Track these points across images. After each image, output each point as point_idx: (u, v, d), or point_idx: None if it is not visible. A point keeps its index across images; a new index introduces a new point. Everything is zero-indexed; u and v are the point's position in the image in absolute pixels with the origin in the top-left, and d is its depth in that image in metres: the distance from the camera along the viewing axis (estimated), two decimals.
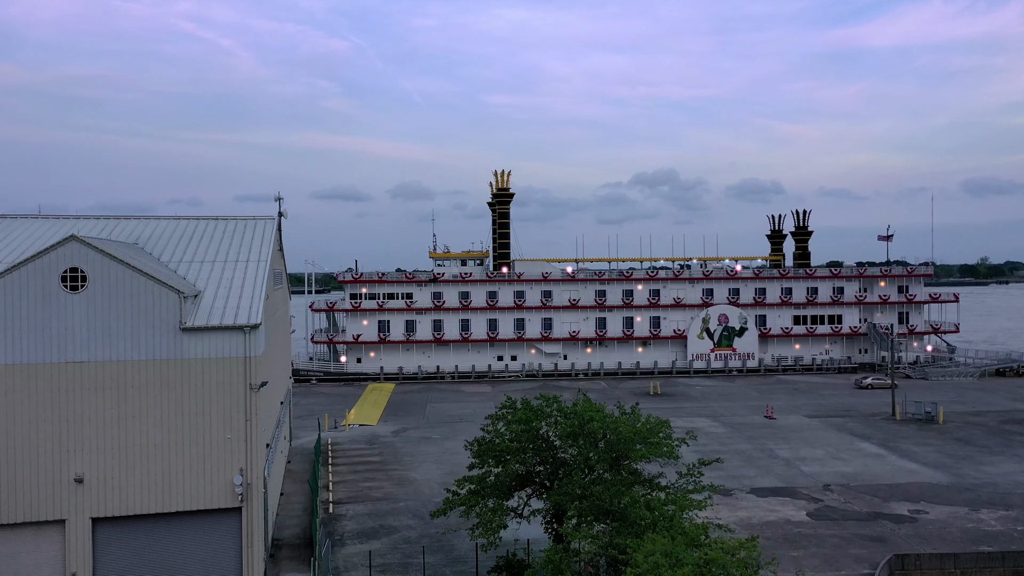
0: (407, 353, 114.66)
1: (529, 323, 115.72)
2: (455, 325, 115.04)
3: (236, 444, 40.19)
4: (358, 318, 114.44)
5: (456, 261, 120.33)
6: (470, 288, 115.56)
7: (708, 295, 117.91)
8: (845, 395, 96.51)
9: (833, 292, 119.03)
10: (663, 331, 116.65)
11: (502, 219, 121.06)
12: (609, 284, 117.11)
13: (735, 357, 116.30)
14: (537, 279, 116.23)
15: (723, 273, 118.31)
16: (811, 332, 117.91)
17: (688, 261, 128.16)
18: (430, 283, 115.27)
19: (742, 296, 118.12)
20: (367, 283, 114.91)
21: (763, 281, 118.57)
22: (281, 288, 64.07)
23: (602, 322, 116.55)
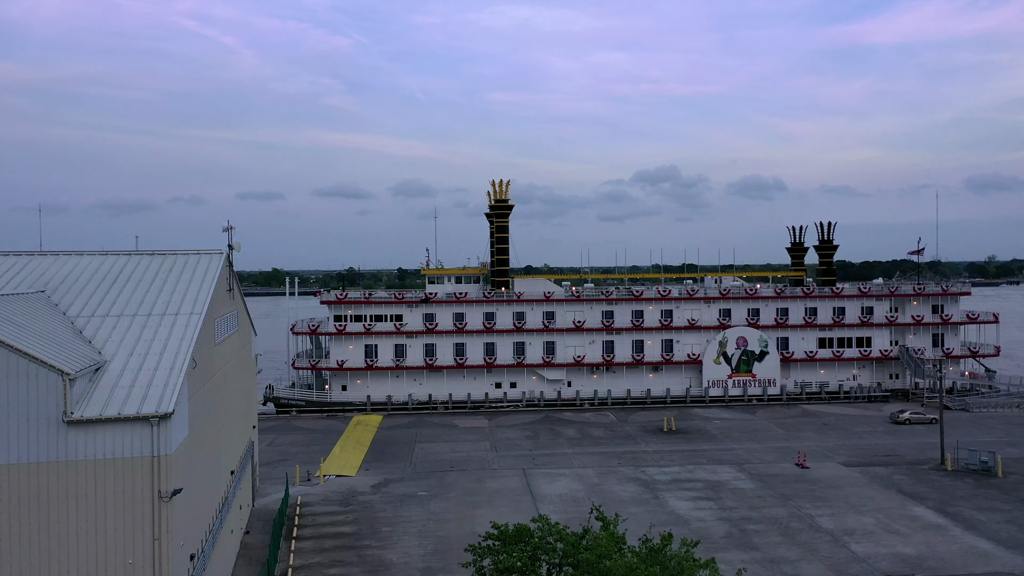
0: (396, 380, 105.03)
1: (530, 347, 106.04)
2: (449, 349, 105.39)
3: (141, 571, 30.64)
4: (343, 342, 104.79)
5: (450, 278, 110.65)
6: (465, 309, 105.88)
7: (725, 316, 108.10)
8: (881, 432, 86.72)
9: (862, 312, 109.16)
10: (676, 355, 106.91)
11: (500, 232, 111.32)
12: (617, 304, 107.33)
13: (755, 384, 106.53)
14: (538, 299, 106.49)
15: (741, 292, 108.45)
16: (838, 356, 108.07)
17: (702, 276, 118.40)
18: (421, 303, 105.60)
19: (762, 317, 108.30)
20: (353, 304, 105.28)
21: (785, 300, 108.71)
22: (235, 333, 54.43)
23: (609, 346, 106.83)
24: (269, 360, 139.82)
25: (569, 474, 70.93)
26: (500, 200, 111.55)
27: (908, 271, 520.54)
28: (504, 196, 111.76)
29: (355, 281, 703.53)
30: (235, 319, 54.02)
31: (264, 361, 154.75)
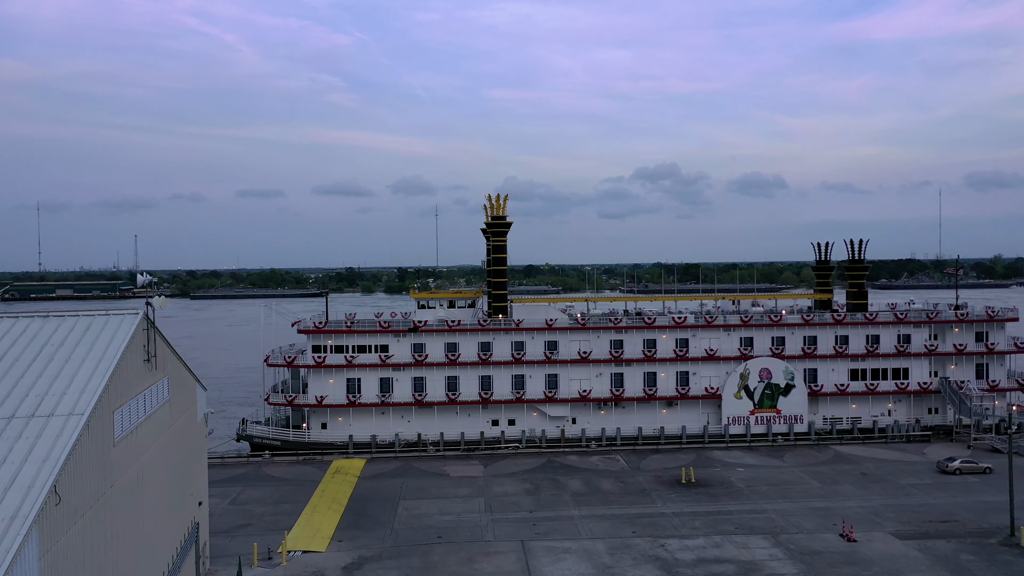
0: (382, 418, 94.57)
1: (530, 380, 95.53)
2: (440, 383, 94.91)
3: None
4: (323, 376, 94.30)
5: (442, 303, 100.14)
6: (458, 338, 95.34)
7: (747, 345, 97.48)
8: (930, 486, 76.10)
9: (898, 340, 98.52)
10: (692, 389, 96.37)
11: (497, 252, 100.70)
12: (627, 333, 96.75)
13: (780, 420, 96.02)
14: (539, 327, 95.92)
15: (764, 318, 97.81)
16: (871, 389, 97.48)
17: (720, 298, 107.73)
18: (410, 333, 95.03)
19: (788, 346, 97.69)
20: (333, 333, 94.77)
21: (813, 328, 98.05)
22: (164, 405, 43.92)
23: (618, 379, 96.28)
24: (247, 381, 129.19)
25: (576, 549, 60.46)
26: (497, 217, 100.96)
27: (915, 271, 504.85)
28: (501, 212, 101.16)
29: (354, 281, 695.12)
30: (161, 389, 43.47)
31: (240, 385, 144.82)
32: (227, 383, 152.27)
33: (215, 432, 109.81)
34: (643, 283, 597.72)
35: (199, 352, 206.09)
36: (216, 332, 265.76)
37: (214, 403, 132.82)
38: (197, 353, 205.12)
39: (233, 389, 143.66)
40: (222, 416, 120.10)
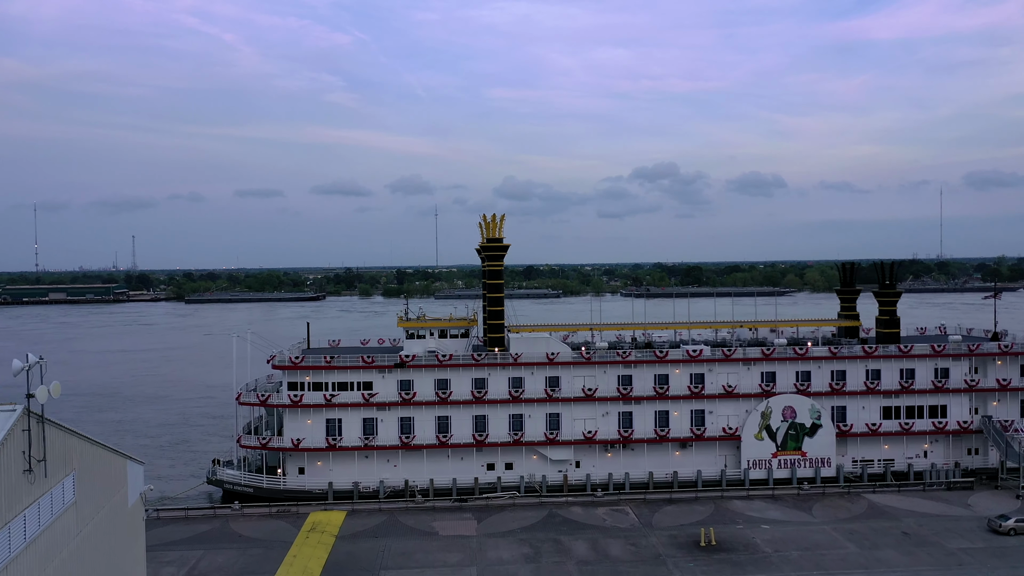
0: (365, 462, 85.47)
1: (529, 420, 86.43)
2: (429, 424, 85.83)
3: None
4: (300, 416, 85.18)
5: (432, 332, 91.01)
6: (450, 374, 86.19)
7: (769, 381, 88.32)
8: (982, 551, 66.91)
9: (935, 375, 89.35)
10: (709, 430, 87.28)
11: (493, 278, 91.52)
12: (636, 367, 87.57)
13: (805, 464, 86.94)
14: (540, 361, 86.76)
15: (788, 351, 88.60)
16: (906, 429, 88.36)
17: (737, 327, 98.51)
18: (396, 368, 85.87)
19: (814, 382, 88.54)
20: (311, 369, 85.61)
21: (842, 361, 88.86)
22: (70, 508, 34.80)
23: (627, 418, 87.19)
24: (225, 402, 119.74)
25: None
26: (493, 239, 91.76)
27: (920, 273, 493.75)
28: (498, 233, 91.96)
29: (352, 283, 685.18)
30: (61, 494, 34.30)
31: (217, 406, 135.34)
32: (201, 406, 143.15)
33: (186, 472, 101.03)
34: (644, 286, 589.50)
35: (174, 367, 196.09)
36: (196, 343, 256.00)
37: (184, 435, 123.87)
38: (172, 368, 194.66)
39: (207, 414, 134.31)
40: (192, 452, 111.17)
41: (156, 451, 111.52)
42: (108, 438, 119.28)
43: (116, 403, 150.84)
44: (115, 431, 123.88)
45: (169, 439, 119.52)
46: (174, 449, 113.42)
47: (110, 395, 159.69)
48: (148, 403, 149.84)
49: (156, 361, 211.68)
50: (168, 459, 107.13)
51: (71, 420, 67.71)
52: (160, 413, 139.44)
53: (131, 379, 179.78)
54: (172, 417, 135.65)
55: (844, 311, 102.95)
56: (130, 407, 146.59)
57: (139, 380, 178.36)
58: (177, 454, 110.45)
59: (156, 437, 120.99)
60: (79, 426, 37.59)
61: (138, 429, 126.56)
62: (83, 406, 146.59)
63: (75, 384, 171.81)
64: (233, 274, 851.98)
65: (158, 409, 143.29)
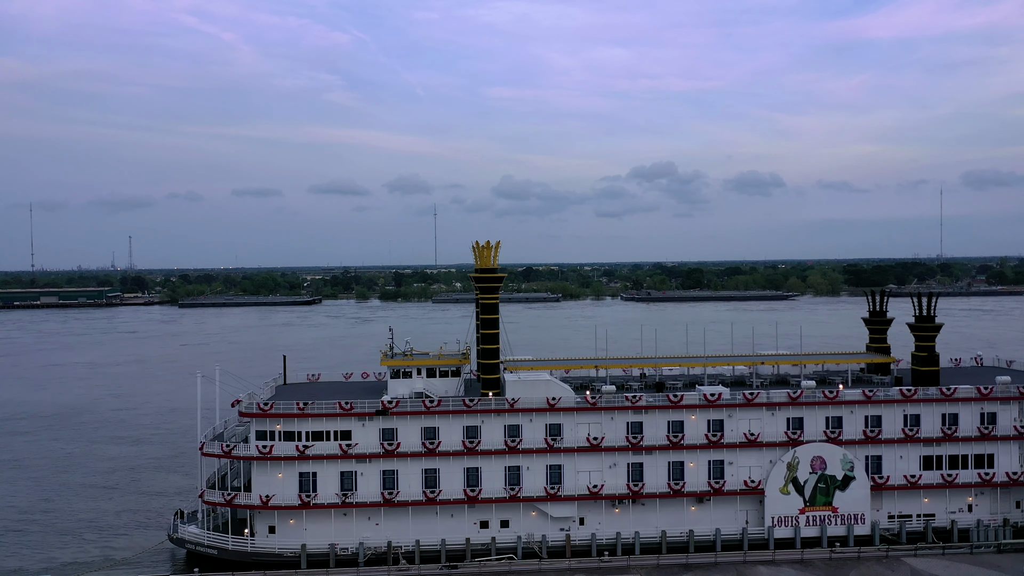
0: (343, 521, 76.14)
1: (528, 473, 77.12)
2: (416, 478, 76.51)
3: None
4: (270, 469, 75.82)
5: (420, 371, 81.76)
6: (438, 422, 76.82)
7: (795, 428, 79.00)
8: None
9: (981, 421, 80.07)
10: (729, 483, 78.02)
11: (487, 312, 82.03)
12: (647, 413, 78.21)
13: (836, 520, 77.72)
14: (539, 407, 77.38)
15: (817, 394, 79.21)
16: (948, 481, 79.10)
17: (759, 364, 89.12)
18: (377, 416, 76.47)
19: (846, 429, 79.21)
20: (283, 416, 76.19)
21: (877, 406, 79.52)
22: None
23: (637, 470, 77.89)
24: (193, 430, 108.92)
25: None
26: (486, 269, 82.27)
27: (923, 276, 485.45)
28: (492, 263, 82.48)
29: (349, 285, 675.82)
30: None
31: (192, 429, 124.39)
32: (163, 435, 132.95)
33: (145, 523, 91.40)
34: (645, 290, 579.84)
35: (140, 384, 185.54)
36: (171, 355, 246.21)
37: (142, 472, 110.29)
38: (137, 386, 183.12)
39: (169, 448, 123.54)
40: (151, 495, 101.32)
41: (108, 494, 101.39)
42: (51, 477, 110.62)
43: (69, 429, 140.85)
44: (63, 467, 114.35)
45: (124, 477, 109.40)
46: (130, 491, 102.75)
47: (65, 418, 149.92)
48: (105, 429, 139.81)
49: (124, 377, 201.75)
50: (122, 506, 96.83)
51: (15, 451, 56.07)
52: (116, 443, 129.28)
53: (92, 399, 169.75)
54: (129, 449, 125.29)
55: (874, 342, 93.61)
56: (84, 434, 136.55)
57: (100, 400, 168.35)
58: (132, 499, 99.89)
59: (108, 474, 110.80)
60: (22, 463, 28.40)
61: (89, 464, 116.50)
62: (32, 433, 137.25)
63: (30, 405, 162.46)
64: (231, 274, 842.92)
65: (115, 437, 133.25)
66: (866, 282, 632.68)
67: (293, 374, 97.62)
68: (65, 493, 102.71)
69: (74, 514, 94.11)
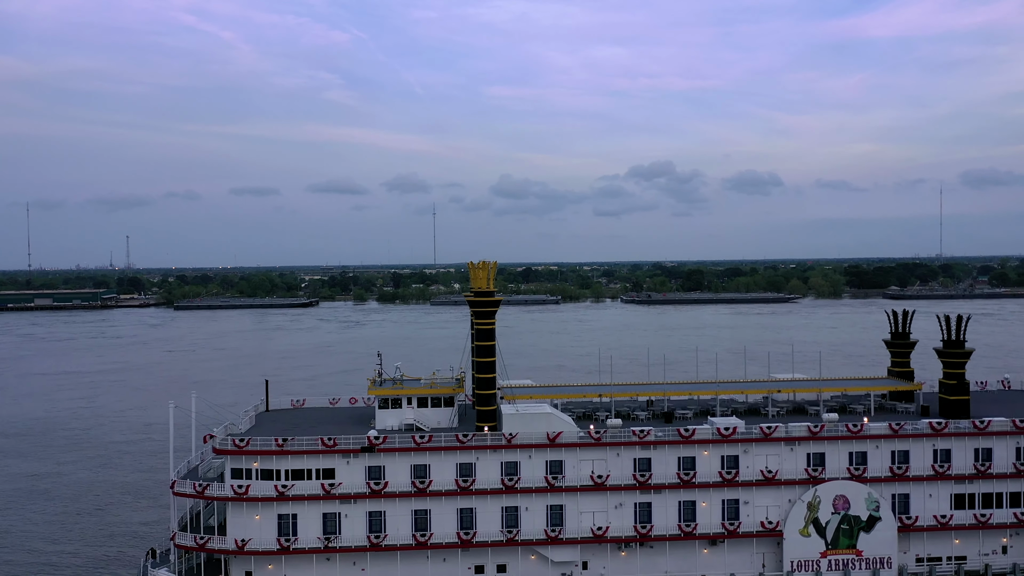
0: (326, 567, 70.12)
1: (526, 514, 71.08)
2: (405, 520, 70.48)
3: None
4: (246, 511, 69.78)
5: (410, 401, 75.83)
6: (429, 459, 70.78)
7: (816, 464, 72.96)
8: None
9: (1018, 456, 74.05)
10: (744, 524, 72.02)
11: (483, 339, 75.92)
12: (656, 449, 72.16)
13: (861, 565, 71.75)
14: (539, 443, 71.32)
15: (840, 427, 73.17)
16: (982, 521, 73.16)
17: (773, 392, 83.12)
18: (363, 452, 70.43)
19: (871, 465, 73.20)
20: (261, 454, 70.14)
21: (904, 440, 73.50)
22: None
23: (645, 510, 71.87)
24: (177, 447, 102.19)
25: None
26: (482, 293, 76.16)
27: (925, 277, 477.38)
28: (488, 285, 76.40)
29: (347, 287, 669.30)
30: None
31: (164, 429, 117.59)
32: (136, 455, 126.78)
33: (112, 562, 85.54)
34: (645, 292, 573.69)
35: (116, 396, 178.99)
36: (154, 363, 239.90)
37: (112, 496, 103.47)
38: (113, 398, 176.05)
39: (141, 471, 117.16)
40: (120, 527, 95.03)
41: (72, 527, 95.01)
42: (11, 505, 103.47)
43: (39, 447, 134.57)
44: (25, 493, 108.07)
45: (92, 504, 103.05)
46: (97, 523, 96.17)
47: (34, 435, 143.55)
48: (75, 448, 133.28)
49: (101, 387, 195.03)
50: (87, 542, 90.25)
51: None
52: (86, 465, 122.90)
53: (65, 413, 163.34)
54: (99, 472, 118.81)
55: (896, 367, 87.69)
56: (52, 454, 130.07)
57: (73, 414, 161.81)
58: (99, 532, 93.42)
59: (74, 501, 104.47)
60: None
61: (56, 489, 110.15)
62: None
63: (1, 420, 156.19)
64: (228, 274, 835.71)
65: (85, 458, 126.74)
66: (867, 284, 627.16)
67: (279, 391, 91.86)
68: (24, 524, 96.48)
69: (34, 551, 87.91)
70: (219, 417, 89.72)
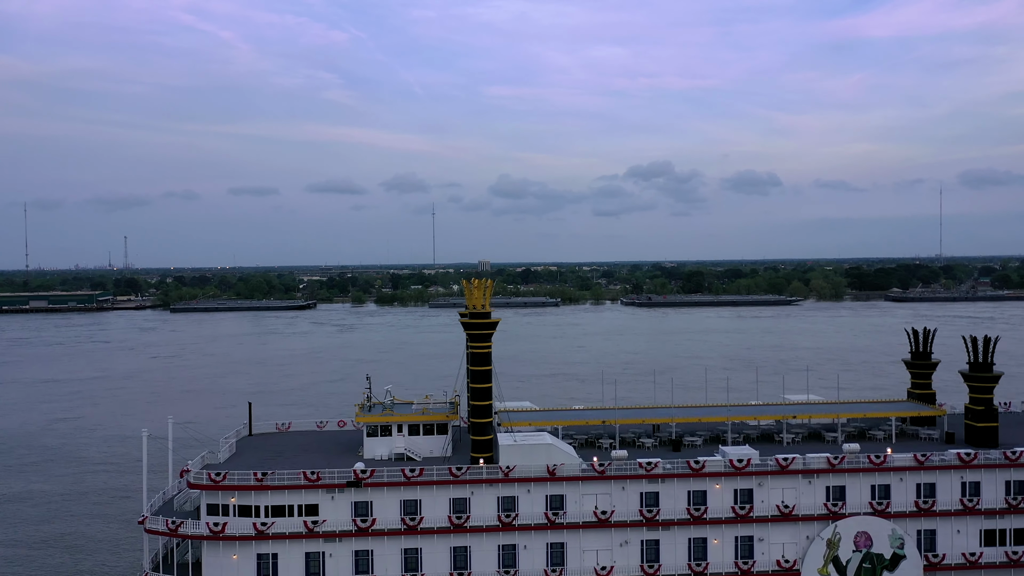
0: None
1: (525, 553, 66.04)
2: (394, 559, 65.44)
3: None
4: (222, 550, 64.73)
5: (400, 428, 70.83)
6: (420, 494, 65.75)
7: (836, 498, 67.98)
8: None
9: None
10: (759, 562, 67.05)
11: (479, 363, 70.75)
12: (664, 482, 67.13)
13: None
14: (539, 476, 66.30)
15: (861, 459, 68.13)
16: (1014, 559, 68.18)
17: (790, 417, 78.07)
18: (349, 487, 65.40)
19: (895, 499, 68.22)
20: (238, 489, 65.09)
21: (931, 472, 68.50)
22: None
23: (652, 548, 66.85)
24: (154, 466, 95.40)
25: None
26: (477, 314, 71.06)
27: (927, 279, 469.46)
28: (485, 305, 71.25)
29: (345, 288, 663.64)
30: None
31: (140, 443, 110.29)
32: (111, 471, 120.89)
33: None
34: (645, 294, 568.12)
35: (93, 408, 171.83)
36: (138, 370, 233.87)
37: (78, 523, 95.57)
38: (91, 410, 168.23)
39: (113, 495, 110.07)
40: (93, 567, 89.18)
41: (35, 558, 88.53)
42: None
43: (5, 464, 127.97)
44: None
45: (58, 529, 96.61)
46: (63, 554, 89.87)
47: (4, 449, 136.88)
48: (46, 465, 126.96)
49: (80, 396, 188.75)
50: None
51: None
52: (56, 482, 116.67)
53: (40, 424, 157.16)
54: (69, 489, 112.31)
55: (916, 388, 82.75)
56: (22, 472, 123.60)
57: (48, 426, 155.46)
58: (65, 565, 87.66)
59: (41, 526, 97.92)
60: None
61: (18, 512, 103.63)
62: None
63: None
64: (226, 275, 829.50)
65: (54, 476, 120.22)
66: (869, 285, 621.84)
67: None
68: None
69: None
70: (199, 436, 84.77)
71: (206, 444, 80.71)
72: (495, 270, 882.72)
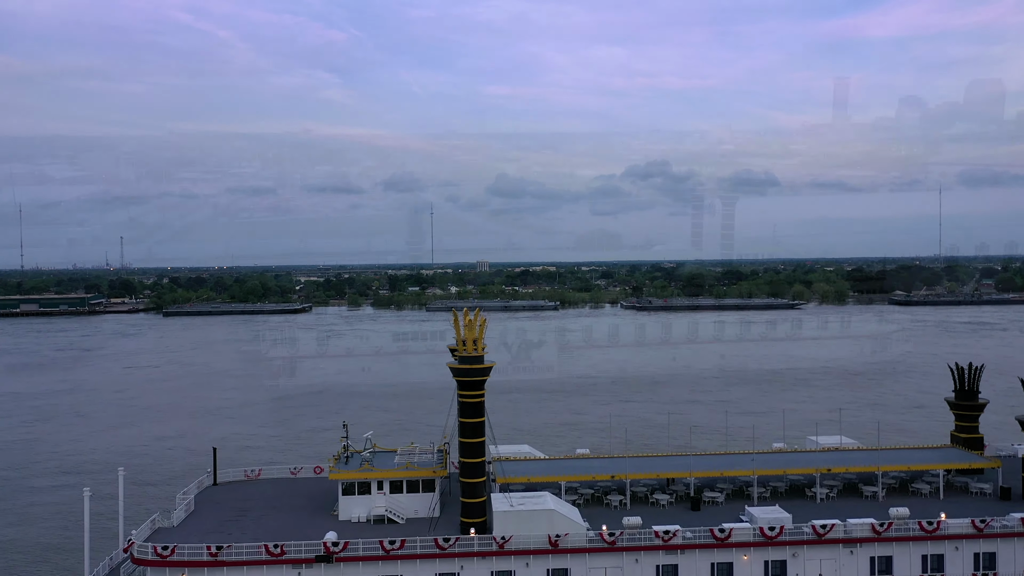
0: None
1: None
2: None
3: None
4: None
5: (382, 485, 61.87)
6: (402, 569, 56.71)
7: (882, 569, 59.07)
8: None
9: None
10: None
11: (470, 414, 61.61)
12: (684, 553, 58.17)
13: None
14: (539, 548, 57.29)
15: (912, 526, 59.17)
16: None
17: (814, 473, 69.07)
18: (319, 562, 56.35)
19: (949, 570, 59.33)
20: (189, 566, 55.99)
21: (991, 541, 59.58)
22: None
23: None
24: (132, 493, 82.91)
25: None
26: (469, 358, 61.82)
27: (931, 281, 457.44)
28: (478, 347, 62.04)
29: (342, 290, 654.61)
30: None
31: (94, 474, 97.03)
32: (65, 515, 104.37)
33: None
34: (645, 297, 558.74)
35: (54, 425, 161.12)
36: (112, 381, 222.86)
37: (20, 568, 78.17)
38: (50, 426, 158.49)
39: (64, 532, 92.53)
40: None
41: None
42: None
43: None
44: None
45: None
46: None
47: None
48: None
49: (41, 413, 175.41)
50: None
51: None
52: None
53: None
54: (8, 533, 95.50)
55: (962, 431, 73.82)
56: None
57: (2, 448, 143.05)
58: None
59: None
60: None
61: None
62: None
63: None
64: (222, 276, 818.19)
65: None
66: (872, 288, 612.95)
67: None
68: None
69: None
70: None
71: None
72: (494, 270, 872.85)
